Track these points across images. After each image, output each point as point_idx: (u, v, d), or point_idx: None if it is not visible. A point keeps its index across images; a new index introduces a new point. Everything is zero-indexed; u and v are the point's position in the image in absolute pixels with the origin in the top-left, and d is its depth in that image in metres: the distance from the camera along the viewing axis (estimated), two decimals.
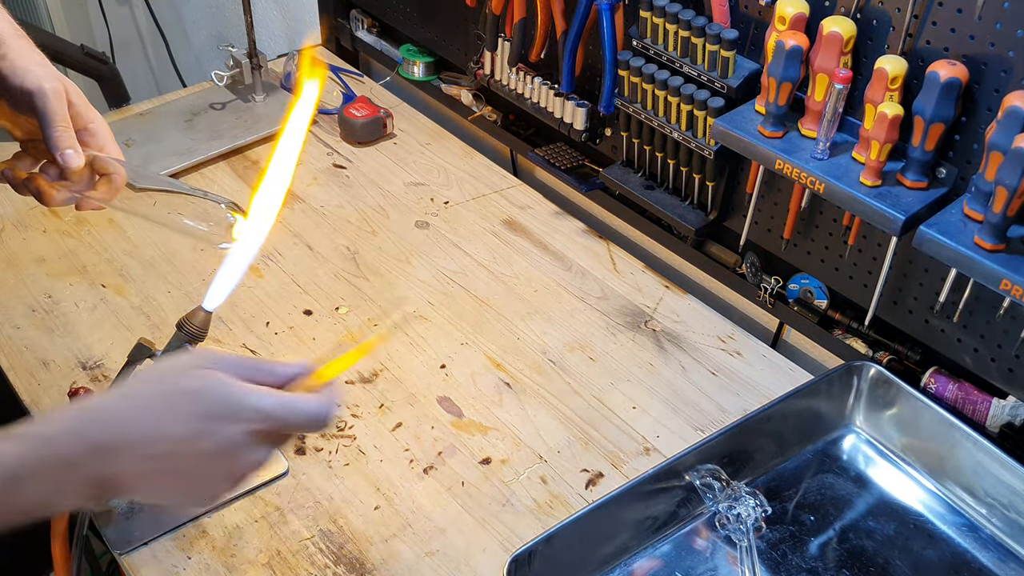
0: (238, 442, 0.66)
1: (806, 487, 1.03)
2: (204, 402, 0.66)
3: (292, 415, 0.68)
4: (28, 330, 1.17)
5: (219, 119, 1.54)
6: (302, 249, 1.32)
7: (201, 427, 0.65)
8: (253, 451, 0.68)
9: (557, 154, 1.42)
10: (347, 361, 0.76)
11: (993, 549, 0.98)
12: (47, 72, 0.84)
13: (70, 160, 0.83)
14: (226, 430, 0.66)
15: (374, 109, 1.52)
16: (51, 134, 0.83)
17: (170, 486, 0.68)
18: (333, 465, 1.04)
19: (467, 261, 1.32)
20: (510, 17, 1.33)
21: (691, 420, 1.11)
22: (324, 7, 1.76)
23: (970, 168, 0.95)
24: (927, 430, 1.03)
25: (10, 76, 0.83)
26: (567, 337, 1.21)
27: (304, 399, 0.70)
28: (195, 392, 0.66)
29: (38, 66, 0.84)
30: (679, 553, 0.97)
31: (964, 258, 0.90)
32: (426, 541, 0.97)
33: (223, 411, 0.66)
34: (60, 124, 0.83)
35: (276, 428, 0.68)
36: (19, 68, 0.83)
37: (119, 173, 0.88)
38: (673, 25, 1.11)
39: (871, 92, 0.96)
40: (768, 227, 1.17)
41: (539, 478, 1.04)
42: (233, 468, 0.68)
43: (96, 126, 0.88)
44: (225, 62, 1.57)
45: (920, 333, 1.07)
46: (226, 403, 0.66)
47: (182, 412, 0.66)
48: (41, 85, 0.82)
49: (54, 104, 0.83)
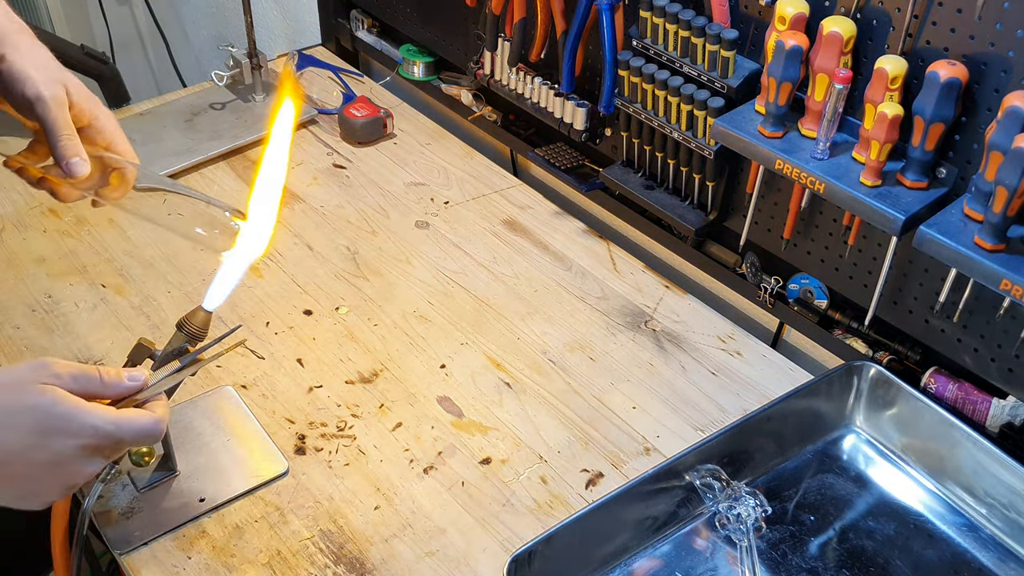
0: (70, 455, 0.72)
1: (806, 487, 1.03)
2: (38, 418, 0.71)
3: (122, 432, 0.74)
4: (28, 330, 1.17)
5: (219, 119, 1.54)
6: (302, 249, 1.32)
7: (35, 441, 0.71)
8: (85, 464, 0.74)
9: (557, 154, 1.42)
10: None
11: (993, 549, 0.98)
12: (46, 77, 0.83)
13: (75, 169, 0.83)
14: (59, 444, 0.71)
15: (374, 109, 1.52)
16: (56, 143, 0.83)
17: (1, 488, 0.73)
18: (333, 465, 1.04)
19: (467, 261, 1.32)
20: (510, 17, 1.33)
21: (691, 420, 1.11)
22: (324, 7, 1.76)
23: (970, 168, 0.95)
24: (927, 430, 1.03)
25: (10, 82, 0.82)
26: (567, 337, 1.21)
27: (135, 417, 0.75)
28: (30, 408, 0.71)
29: (37, 70, 0.83)
30: (679, 553, 0.97)
31: (964, 258, 0.90)
32: (426, 541, 0.97)
33: (56, 426, 0.71)
34: (63, 132, 0.83)
35: (108, 444, 0.74)
36: (18, 73, 0.82)
37: (129, 168, 0.89)
38: (673, 25, 1.11)
39: (871, 92, 0.96)
40: (768, 227, 1.17)
41: (539, 478, 1.04)
42: (65, 478, 0.74)
43: (102, 122, 0.88)
44: (225, 62, 1.57)
45: (920, 333, 1.07)
46: (60, 418, 0.71)
47: (17, 426, 0.71)
48: (40, 93, 0.82)
49: (55, 112, 0.82)
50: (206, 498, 0.99)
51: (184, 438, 1.03)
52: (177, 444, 1.00)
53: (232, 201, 1.38)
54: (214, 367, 1.13)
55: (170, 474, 1.00)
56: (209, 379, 1.12)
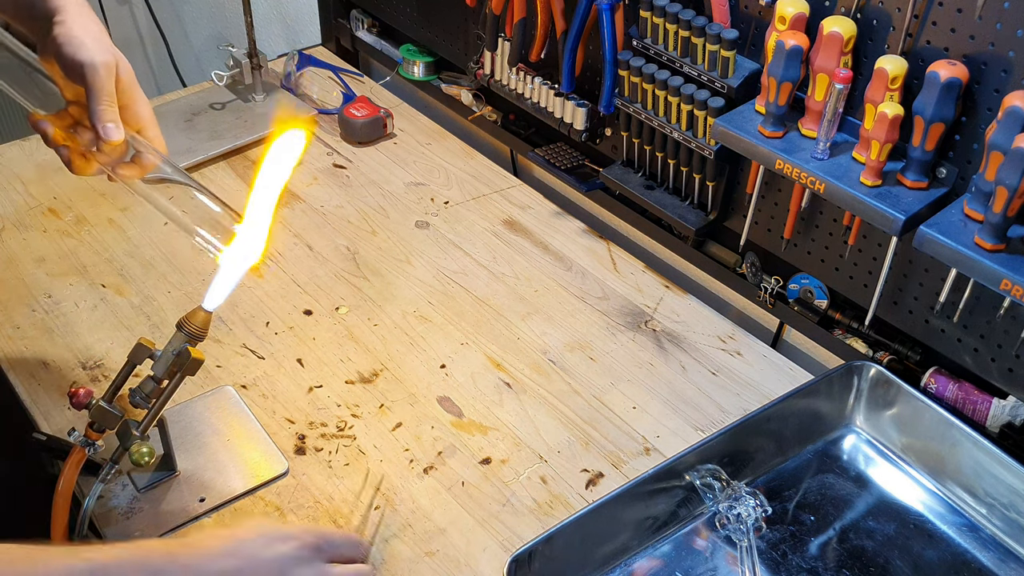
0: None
1: (806, 487, 1.03)
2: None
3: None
4: (28, 330, 1.17)
5: (219, 119, 1.54)
6: (302, 249, 1.32)
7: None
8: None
9: (557, 154, 1.42)
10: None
11: (993, 549, 0.98)
12: (101, 46, 0.85)
13: (111, 133, 0.85)
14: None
15: (374, 109, 1.52)
16: (95, 107, 0.84)
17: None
18: (333, 465, 1.04)
19: (467, 261, 1.32)
20: (510, 17, 1.33)
21: (691, 420, 1.11)
22: (324, 7, 1.76)
23: (970, 168, 0.95)
24: (927, 430, 1.03)
25: (64, 45, 0.84)
26: (567, 337, 1.21)
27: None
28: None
29: (93, 39, 0.85)
30: (679, 553, 0.97)
31: (964, 258, 0.90)
32: (426, 541, 0.97)
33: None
34: (105, 98, 0.84)
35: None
36: (74, 38, 0.84)
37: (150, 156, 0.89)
38: (673, 25, 1.11)
39: (871, 92, 0.96)
40: (768, 227, 1.17)
41: (539, 478, 1.04)
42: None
43: (139, 106, 0.89)
44: (225, 62, 1.57)
45: (920, 333, 1.07)
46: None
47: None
48: (93, 59, 0.83)
49: (103, 78, 0.84)
50: (206, 498, 0.99)
51: (184, 438, 1.03)
52: (177, 444, 1.00)
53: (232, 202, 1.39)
54: (214, 367, 1.13)
55: (170, 474, 1.00)
56: (209, 379, 1.12)
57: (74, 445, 0.88)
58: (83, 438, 0.88)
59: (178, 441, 1.01)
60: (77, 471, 0.89)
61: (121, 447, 0.90)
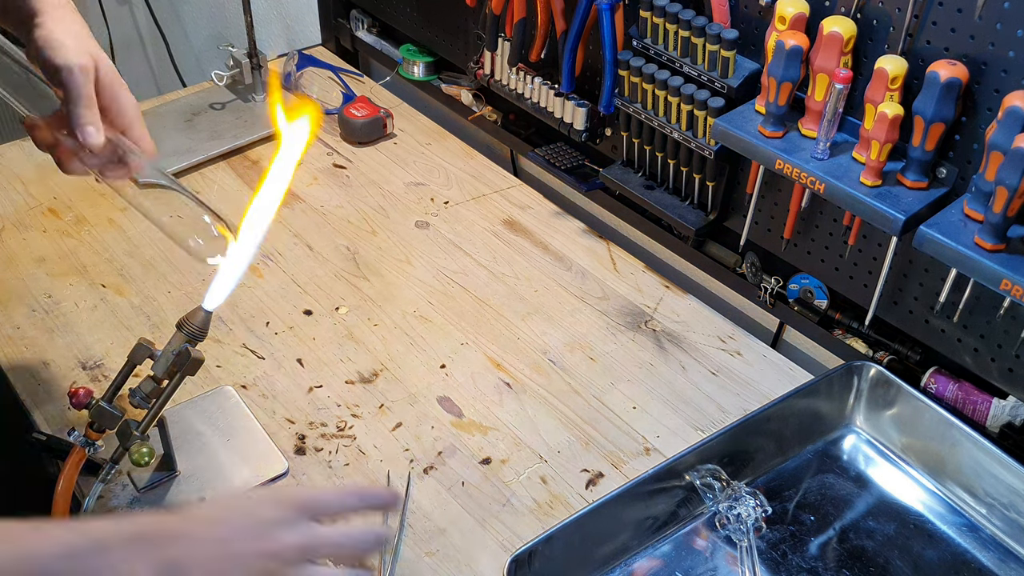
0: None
1: (806, 487, 1.03)
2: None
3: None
4: (28, 330, 1.17)
5: (219, 119, 1.54)
6: (302, 249, 1.32)
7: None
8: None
9: (557, 154, 1.42)
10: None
11: (993, 549, 0.98)
12: (79, 47, 0.84)
13: (89, 137, 0.84)
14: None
15: (374, 109, 1.52)
16: (73, 111, 0.83)
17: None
18: (333, 465, 1.04)
19: (467, 261, 1.32)
20: (510, 17, 1.33)
21: (691, 420, 1.11)
22: (324, 7, 1.76)
23: (970, 168, 0.95)
24: (927, 430, 1.03)
25: (43, 48, 0.83)
26: (567, 337, 1.21)
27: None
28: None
29: (73, 39, 0.84)
30: (679, 553, 0.97)
31: (964, 258, 0.90)
32: (426, 541, 0.97)
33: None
34: (83, 101, 0.83)
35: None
36: (53, 41, 0.83)
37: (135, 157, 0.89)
38: (673, 25, 1.11)
39: (871, 92, 0.96)
40: (768, 227, 1.17)
41: (539, 478, 1.04)
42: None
43: (123, 105, 0.88)
44: (225, 62, 1.57)
45: (920, 333, 1.07)
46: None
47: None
48: (68, 62, 0.82)
49: (79, 81, 0.83)
50: (206, 498, 0.98)
51: (184, 438, 1.03)
52: (177, 444, 1.00)
53: (232, 202, 1.39)
54: (214, 367, 1.13)
55: (170, 474, 1.00)
56: (209, 379, 1.12)
57: (74, 445, 0.88)
58: (83, 438, 0.88)
59: (178, 441, 1.01)
60: (77, 471, 0.89)
61: (121, 447, 0.90)
